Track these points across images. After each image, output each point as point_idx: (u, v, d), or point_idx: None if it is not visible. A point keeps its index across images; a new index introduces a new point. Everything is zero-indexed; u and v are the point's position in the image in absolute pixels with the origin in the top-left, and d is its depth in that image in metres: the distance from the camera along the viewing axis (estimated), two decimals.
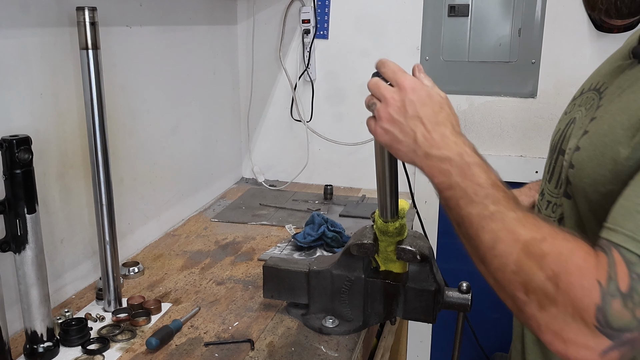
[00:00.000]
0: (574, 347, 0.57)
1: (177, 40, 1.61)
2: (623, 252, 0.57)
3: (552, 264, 0.59)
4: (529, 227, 0.62)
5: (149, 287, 1.27)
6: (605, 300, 0.56)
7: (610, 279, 0.56)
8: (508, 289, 0.63)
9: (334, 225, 1.47)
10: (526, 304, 0.61)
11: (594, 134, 0.74)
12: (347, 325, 1.08)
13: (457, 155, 0.68)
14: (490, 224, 0.64)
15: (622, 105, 0.72)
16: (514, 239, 0.62)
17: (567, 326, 0.57)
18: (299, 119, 2.03)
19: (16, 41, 1.05)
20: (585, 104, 0.84)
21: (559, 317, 0.58)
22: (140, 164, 1.46)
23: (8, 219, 0.93)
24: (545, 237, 0.61)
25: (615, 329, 0.56)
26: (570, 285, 0.57)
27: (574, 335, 0.57)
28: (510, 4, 1.78)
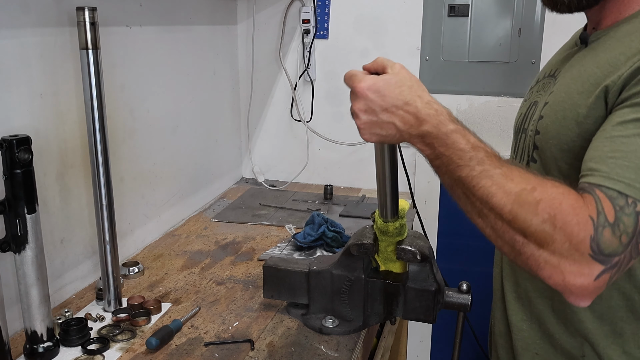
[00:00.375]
0: (571, 275, 0.66)
1: (177, 40, 1.61)
2: (604, 189, 0.67)
3: (547, 208, 0.66)
4: (517, 180, 0.69)
5: (149, 287, 1.27)
6: (597, 231, 0.65)
7: (599, 212, 0.66)
8: (506, 236, 0.70)
9: (334, 225, 1.47)
10: (525, 246, 0.68)
11: (554, 102, 0.87)
12: (347, 325, 1.08)
13: (434, 127, 0.73)
14: (480, 182, 0.70)
15: (574, 76, 0.86)
16: (505, 192, 0.69)
17: (564, 259, 0.66)
18: (299, 119, 2.03)
19: (16, 41, 1.05)
20: (543, 88, 0.96)
21: (556, 252, 0.66)
22: (140, 164, 1.46)
23: (8, 219, 0.93)
24: (534, 187, 0.68)
25: (606, 255, 0.65)
26: (567, 223, 0.65)
27: (570, 266, 0.66)
28: (510, 4, 1.78)
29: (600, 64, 0.81)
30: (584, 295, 0.68)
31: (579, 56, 0.90)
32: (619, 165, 0.68)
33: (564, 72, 0.92)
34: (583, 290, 0.67)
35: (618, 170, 0.68)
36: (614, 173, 0.68)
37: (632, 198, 0.66)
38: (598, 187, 0.68)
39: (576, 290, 0.67)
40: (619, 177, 0.68)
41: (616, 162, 0.69)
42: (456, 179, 0.73)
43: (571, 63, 0.91)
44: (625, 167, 0.68)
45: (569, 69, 0.91)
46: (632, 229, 0.66)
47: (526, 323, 0.98)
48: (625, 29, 0.83)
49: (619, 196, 0.66)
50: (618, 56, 0.78)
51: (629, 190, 0.67)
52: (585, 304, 0.69)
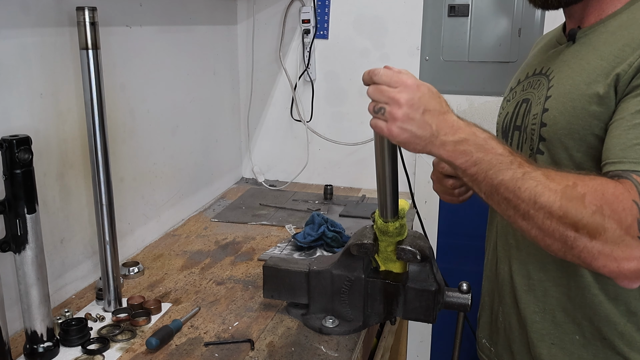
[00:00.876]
0: (625, 261, 0.69)
1: (177, 40, 1.61)
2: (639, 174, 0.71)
3: (593, 200, 0.70)
4: (557, 178, 0.73)
5: (149, 287, 1.27)
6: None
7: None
8: (557, 233, 0.72)
9: (334, 225, 1.47)
10: (577, 239, 0.71)
11: (559, 95, 0.89)
12: (347, 325, 1.08)
13: (471, 134, 0.76)
14: (525, 184, 0.73)
15: (576, 69, 0.88)
16: (551, 191, 0.71)
17: (617, 246, 0.69)
18: (299, 119, 2.03)
19: (16, 41, 1.05)
20: (531, 86, 0.98)
21: (609, 240, 0.69)
22: (140, 164, 1.46)
23: (8, 219, 0.93)
24: (575, 182, 0.72)
25: None
26: (614, 211, 0.69)
27: (623, 252, 0.69)
28: (510, 4, 1.78)
29: (603, 55, 0.84)
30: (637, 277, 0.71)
31: (571, 52, 0.93)
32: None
33: (558, 68, 0.94)
34: (636, 273, 0.70)
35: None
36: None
37: None
38: (633, 172, 0.72)
39: (630, 274, 0.70)
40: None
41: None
42: (497, 183, 0.74)
43: (563, 59, 0.93)
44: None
45: (563, 64, 0.93)
46: None
47: (539, 315, 0.99)
48: (615, 24, 0.87)
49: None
50: (622, 47, 0.82)
51: None
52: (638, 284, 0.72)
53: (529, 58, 1.09)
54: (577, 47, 0.92)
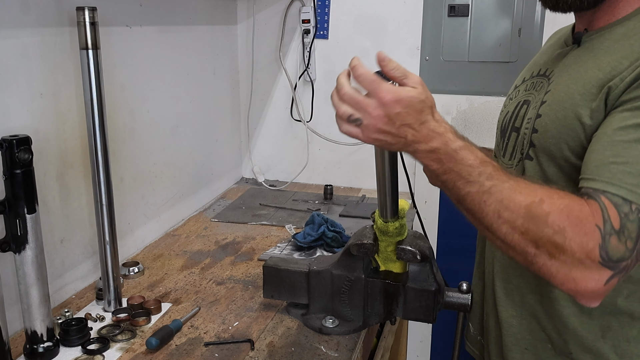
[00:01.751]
0: (583, 282, 0.69)
1: (177, 40, 1.61)
2: (608, 196, 0.70)
3: (556, 220, 0.69)
4: (525, 193, 0.72)
5: (149, 287, 1.27)
6: (605, 239, 0.68)
7: (606, 221, 0.69)
8: (518, 248, 0.73)
9: (334, 225, 1.47)
10: (537, 256, 0.71)
11: (553, 102, 0.87)
12: (347, 325, 1.08)
13: (443, 144, 0.75)
14: (490, 198, 0.73)
15: (573, 77, 0.86)
16: (516, 206, 0.71)
17: (575, 267, 0.69)
18: (299, 119, 2.03)
19: (16, 41, 1.05)
20: (534, 87, 0.97)
21: (568, 261, 0.69)
22: (140, 164, 1.46)
23: (8, 219, 0.93)
24: (542, 199, 0.71)
25: (614, 261, 0.69)
26: (576, 234, 0.68)
27: (582, 273, 0.69)
28: (510, 4, 1.78)
29: (601, 66, 0.82)
30: (595, 298, 0.71)
31: (574, 56, 0.91)
32: (620, 171, 0.70)
33: (558, 71, 0.92)
34: (594, 294, 0.70)
35: (620, 176, 0.70)
36: (616, 179, 0.70)
37: (635, 204, 0.69)
38: (603, 192, 0.70)
39: (588, 295, 0.70)
40: (621, 183, 0.70)
41: (618, 167, 0.71)
42: (465, 194, 0.75)
43: (565, 63, 0.92)
44: (627, 173, 0.70)
45: (564, 68, 0.91)
46: (635, 234, 0.69)
47: (516, 319, 0.99)
48: (620, 31, 0.84)
49: (623, 203, 0.69)
50: (620, 59, 0.79)
51: (631, 196, 0.69)
52: (596, 304, 0.73)
53: (538, 55, 1.06)
54: (580, 52, 0.90)
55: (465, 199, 0.75)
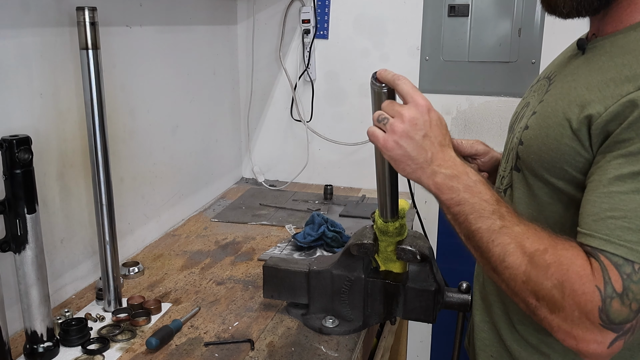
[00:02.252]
0: (585, 343, 0.67)
1: (177, 40, 1.61)
2: (608, 255, 0.66)
3: (556, 273, 0.67)
4: (532, 239, 0.70)
5: (149, 287, 1.27)
6: (605, 303, 0.65)
7: (606, 283, 0.65)
8: (520, 295, 0.71)
9: (334, 225, 1.47)
10: (538, 308, 0.69)
11: (540, 115, 0.84)
12: (347, 325, 1.08)
13: (464, 173, 0.74)
14: (499, 238, 0.71)
15: (563, 92, 0.82)
16: (522, 252, 0.69)
17: (576, 326, 0.66)
18: (299, 119, 2.03)
19: (16, 41, 1.05)
20: (538, 90, 0.93)
21: (568, 318, 0.67)
22: (140, 164, 1.46)
23: (8, 219, 0.93)
24: (547, 248, 0.69)
25: (617, 324, 0.65)
26: (574, 292, 0.66)
27: (583, 333, 0.66)
28: (510, 4, 1.78)
29: (590, 85, 0.77)
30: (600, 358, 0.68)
31: (574, 66, 0.86)
32: (619, 227, 0.67)
33: (557, 80, 0.88)
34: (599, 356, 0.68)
35: (619, 232, 0.66)
36: (615, 236, 0.66)
37: (637, 264, 0.65)
38: (602, 252, 0.67)
39: (591, 356, 0.68)
40: (619, 240, 0.66)
41: (616, 222, 0.67)
42: (475, 230, 0.73)
43: (565, 72, 0.87)
44: (626, 229, 0.66)
45: (563, 78, 0.86)
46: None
47: (487, 324, 0.98)
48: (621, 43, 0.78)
49: (625, 263, 0.65)
50: (607, 82, 0.74)
51: (632, 256, 0.65)
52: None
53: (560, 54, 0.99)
54: (581, 61, 0.84)
55: (475, 235, 0.73)
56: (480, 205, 0.73)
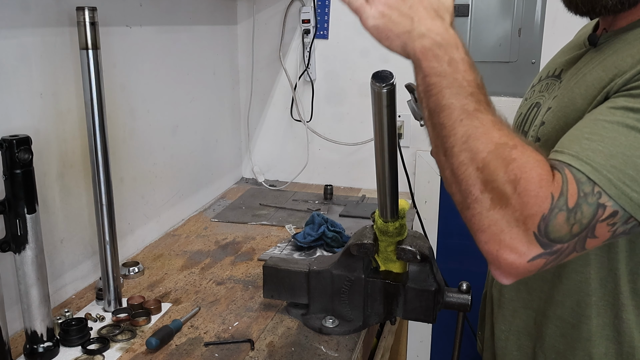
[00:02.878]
0: (507, 250, 0.63)
1: (177, 40, 1.61)
2: (573, 170, 0.63)
3: (516, 169, 0.63)
4: (504, 132, 0.66)
5: (149, 287, 1.27)
6: (552, 212, 0.61)
7: (562, 194, 0.62)
8: (464, 184, 0.66)
9: (334, 225, 1.47)
10: (477, 201, 0.64)
11: (557, 107, 0.82)
12: (347, 325, 1.08)
13: (454, 46, 0.68)
14: (468, 119, 0.66)
15: (579, 80, 0.80)
16: (488, 139, 0.65)
17: (508, 229, 0.62)
18: (299, 119, 2.03)
19: (16, 41, 1.05)
20: (547, 89, 0.91)
21: (504, 219, 0.63)
22: (140, 164, 1.46)
23: (8, 219, 0.93)
24: (516, 145, 0.64)
25: (550, 239, 0.62)
26: (527, 191, 0.62)
27: (510, 239, 0.62)
28: (510, 4, 1.78)
29: (606, 66, 0.76)
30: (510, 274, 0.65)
31: (586, 59, 0.85)
32: (591, 148, 0.64)
33: (569, 75, 0.87)
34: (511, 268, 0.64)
35: (589, 152, 0.64)
36: (584, 155, 0.64)
37: (598, 187, 0.62)
38: (567, 166, 0.64)
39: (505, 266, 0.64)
40: (588, 159, 0.64)
41: (590, 144, 0.65)
42: (446, 104, 0.67)
43: (578, 66, 0.86)
44: (598, 152, 0.64)
45: (575, 72, 0.85)
46: (587, 220, 0.62)
47: (504, 334, 0.97)
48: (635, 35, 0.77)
49: (587, 182, 0.63)
50: (625, 58, 0.73)
51: (595, 177, 0.62)
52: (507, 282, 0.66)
53: (559, 52, 0.99)
54: (593, 54, 0.84)
55: (444, 110, 0.67)
56: (460, 82, 0.67)
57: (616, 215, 0.63)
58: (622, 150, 0.63)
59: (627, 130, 0.64)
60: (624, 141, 0.63)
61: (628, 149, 0.63)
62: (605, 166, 0.63)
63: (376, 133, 0.86)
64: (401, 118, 1.92)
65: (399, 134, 1.97)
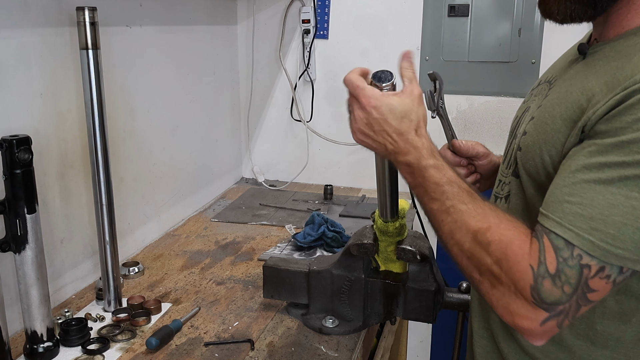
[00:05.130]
0: (520, 318, 0.69)
1: (177, 40, 1.61)
2: (552, 237, 0.68)
3: (495, 250, 0.70)
4: (477, 217, 0.73)
5: (149, 287, 1.27)
6: (537, 281, 0.67)
7: (540, 263, 0.67)
8: (466, 271, 0.75)
9: (334, 225, 1.47)
10: (481, 283, 0.73)
11: (538, 120, 0.84)
12: (347, 325, 1.08)
13: (416, 160, 0.78)
14: (447, 217, 0.75)
15: (561, 96, 0.82)
16: (466, 230, 0.73)
17: (513, 301, 0.69)
18: (299, 119, 2.03)
19: (16, 41, 1.05)
20: (539, 94, 0.93)
21: (506, 293, 0.70)
22: (140, 164, 1.46)
23: (8, 219, 0.93)
24: (490, 227, 0.72)
25: (548, 304, 0.67)
26: (510, 269, 0.69)
27: (518, 309, 0.69)
28: (510, 4, 1.78)
29: (585, 89, 0.76)
30: (535, 337, 0.71)
31: (574, 70, 0.84)
32: (572, 212, 0.68)
33: (557, 85, 0.86)
34: (532, 333, 0.70)
35: (571, 217, 0.67)
36: (566, 220, 0.68)
37: (578, 249, 0.66)
38: (547, 233, 0.68)
39: (526, 332, 0.70)
40: (570, 224, 0.67)
41: (571, 207, 0.68)
42: (428, 210, 0.79)
43: (565, 77, 0.86)
44: (578, 215, 0.67)
45: (561, 83, 0.85)
46: (575, 280, 0.66)
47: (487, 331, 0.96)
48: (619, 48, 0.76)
49: (565, 247, 0.67)
50: (601, 86, 0.73)
51: (577, 241, 0.66)
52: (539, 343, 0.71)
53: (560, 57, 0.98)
54: (581, 66, 0.83)
55: (429, 215, 0.79)
56: (430, 188, 0.77)
57: (604, 270, 0.66)
58: (600, 210, 0.66)
59: (603, 188, 0.67)
60: (601, 201, 0.67)
61: (606, 208, 0.66)
62: (587, 230, 0.66)
63: None
64: None
65: None
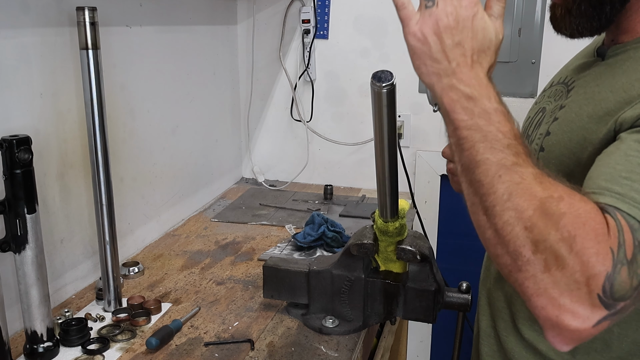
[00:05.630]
0: (569, 314, 0.56)
1: (177, 40, 1.61)
2: (625, 216, 0.57)
3: (569, 224, 0.56)
4: (546, 184, 0.60)
5: (149, 287, 1.27)
6: (615, 269, 0.55)
7: (620, 246, 0.56)
8: (512, 245, 0.59)
9: (334, 225, 1.47)
10: (529, 263, 0.58)
11: (563, 120, 0.82)
12: (347, 325, 1.08)
13: (486, 97, 0.65)
14: (508, 175, 0.61)
15: (588, 96, 0.80)
16: (532, 195, 0.59)
17: (568, 292, 0.56)
18: (299, 119, 2.03)
19: (16, 41, 1.05)
20: (554, 95, 0.91)
21: (562, 281, 0.56)
22: (140, 164, 1.47)
23: (8, 219, 0.93)
24: (562, 196, 0.58)
25: (615, 299, 0.56)
26: (585, 249, 0.55)
27: (571, 303, 0.56)
28: (511, 4, 1.78)
29: (614, 88, 0.74)
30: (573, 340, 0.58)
31: (596, 71, 0.83)
32: (635, 189, 0.59)
33: (578, 86, 0.85)
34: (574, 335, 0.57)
35: (634, 194, 0.59)
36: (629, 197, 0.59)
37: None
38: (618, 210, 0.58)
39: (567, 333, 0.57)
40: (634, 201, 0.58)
41: (632, 185, 0.60)
42: (481, 160, 0.62)
43: (587, 78, 0.84)
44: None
45: (584, 84, 0.84)
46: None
47: (494, 330, 0.96)
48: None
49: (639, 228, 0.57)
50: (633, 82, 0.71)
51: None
52: (568, 349, 0.60)
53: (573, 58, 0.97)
54: (602, 67, 0.82)
55: (480, 166, 0.62)
56: (494, 135, 0.62)
57: None
58: None
59: None
60: None
61: None
62: None
63: (376, 133, 0.86)
64: (401, 118, 1.92)
65: (399, 134, 1.97)
